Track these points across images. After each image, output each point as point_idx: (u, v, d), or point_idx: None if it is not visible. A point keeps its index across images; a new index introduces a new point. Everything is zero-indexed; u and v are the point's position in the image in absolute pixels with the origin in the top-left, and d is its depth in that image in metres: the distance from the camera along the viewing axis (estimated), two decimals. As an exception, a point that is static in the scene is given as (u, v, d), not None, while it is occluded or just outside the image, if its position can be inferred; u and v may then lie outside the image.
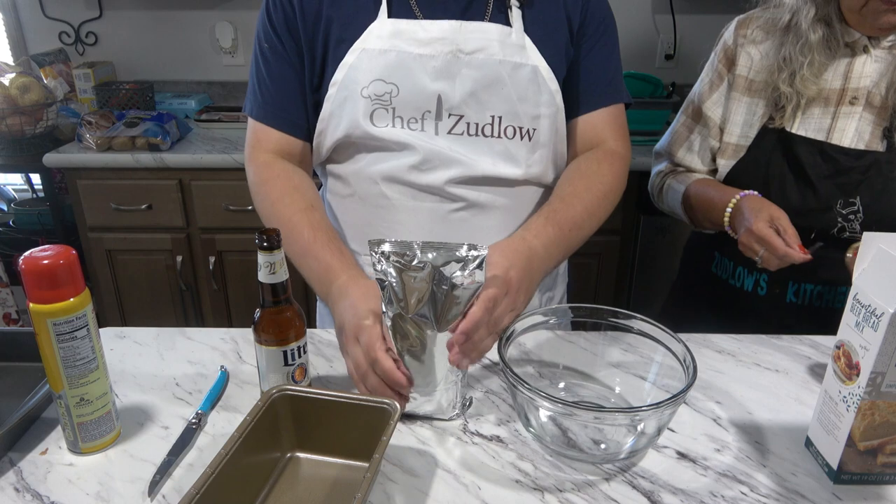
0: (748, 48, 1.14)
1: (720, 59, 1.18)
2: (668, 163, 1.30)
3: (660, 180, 1.31)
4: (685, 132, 1.25)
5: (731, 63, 1.16)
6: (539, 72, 0.97)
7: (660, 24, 2.64)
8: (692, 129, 1.24)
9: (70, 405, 0.73)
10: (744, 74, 1.14)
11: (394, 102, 0.95)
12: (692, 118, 1.24)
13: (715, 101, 1.19)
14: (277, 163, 1.01)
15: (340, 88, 0.96)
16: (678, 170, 1.28)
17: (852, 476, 0.73)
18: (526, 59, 0.96)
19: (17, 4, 2.59)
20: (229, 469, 0.65)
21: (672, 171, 1.29)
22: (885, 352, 0.66)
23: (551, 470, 0.75)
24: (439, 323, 0.77)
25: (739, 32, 1.15)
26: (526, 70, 0.96)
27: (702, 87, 1.21)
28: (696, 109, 1.22)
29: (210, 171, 2.12)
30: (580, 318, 0.89)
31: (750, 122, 1.15)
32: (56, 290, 0.69)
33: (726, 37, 1.18)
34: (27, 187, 2.71)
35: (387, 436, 0.68)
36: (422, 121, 0.96)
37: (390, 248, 0.76)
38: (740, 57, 1.14)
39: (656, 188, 1.32)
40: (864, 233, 0.71)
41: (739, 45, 1.15)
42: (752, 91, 1.14)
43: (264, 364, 0.81)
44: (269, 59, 1.00)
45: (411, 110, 0.96)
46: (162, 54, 2.66)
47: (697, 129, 1.23)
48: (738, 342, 1.01)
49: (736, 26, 1.16)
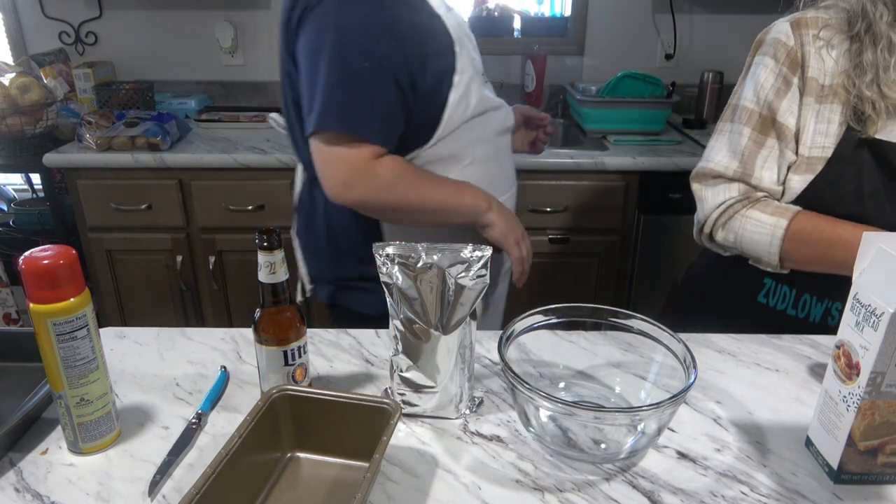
0: (819, 50, 1.02)
1: (782, 62, 1.04)
2: (740, 185, 1.08)
3: (728, 210, 1.08)
4: (755, 148, 1.06)
5: (798, 66, 1.03)
6: None
7: (660, 24, 2.64)
8: (762, 144, 1.06)
9: (70, 405, 0.73)
10: (816, 78, 1.02)
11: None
12: (760, 131, 1.06)
13: (786, 108, 1.04)
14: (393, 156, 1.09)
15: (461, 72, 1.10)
16: (756, 196, 1.07)
17: (852, 476, 0.73)
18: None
19: (17, 4, 2.59)
20: (229, 469, 0.65)
21: (746, 198, 1.07)
22: (885, 352, 0.66)
23: (551, 470, 0.75)
24: (446, 324, 0.77)
25: (801, 32, 1.03)
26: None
27: (766, 96, 1.05)
28: (766, 119, 1.05)
29: (210, 171, 2.12)
30: (580, 318, 0.89)
31: (824, 131, 1.02)
32: (56, 290, 0.69)
33: (782, 38, 1.04)
34: (27, 187, 2.71)
35: (387, 436, 0.68)
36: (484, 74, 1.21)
37: (395, 251, 0.77)
38: (811, 59, 1.02)
39: (720, 222, 1.09)
40: (864, 233, 0.71)
41: (806, 45, 1.02)
42: (824, 97, 1.02)
43: (264, 364, 0.81)
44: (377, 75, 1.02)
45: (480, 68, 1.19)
46: (162, 54, 2.66)
47: (770, 142, 1.06)
48: (738, 342, 1.01)
49: (792, 27, 1.04)
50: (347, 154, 1.03)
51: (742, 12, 2.60)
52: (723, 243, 1.10)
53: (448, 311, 0.77)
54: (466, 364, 0.81)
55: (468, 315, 0.78)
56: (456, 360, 0.79)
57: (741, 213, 1.06)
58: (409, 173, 1.08)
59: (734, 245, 1.09)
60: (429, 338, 0.78)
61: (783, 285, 1.10)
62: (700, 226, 1.13)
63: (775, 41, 1.05)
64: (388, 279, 0.77)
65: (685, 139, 2.35)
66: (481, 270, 0.75)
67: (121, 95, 2.44)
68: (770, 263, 1.06)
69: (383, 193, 1.05)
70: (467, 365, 0.81)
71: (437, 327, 0.77)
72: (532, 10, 2.67)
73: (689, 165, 1.50)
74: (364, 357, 0.96)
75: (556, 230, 2.22)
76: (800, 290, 1.09)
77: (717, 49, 2.64)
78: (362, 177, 1.03)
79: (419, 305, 0.77)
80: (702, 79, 2.53)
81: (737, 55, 2.59)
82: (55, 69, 2.48)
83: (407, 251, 0.77)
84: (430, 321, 0.77)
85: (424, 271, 0.76)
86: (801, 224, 1.02)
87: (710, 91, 2.51)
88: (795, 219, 1.02)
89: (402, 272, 0.76)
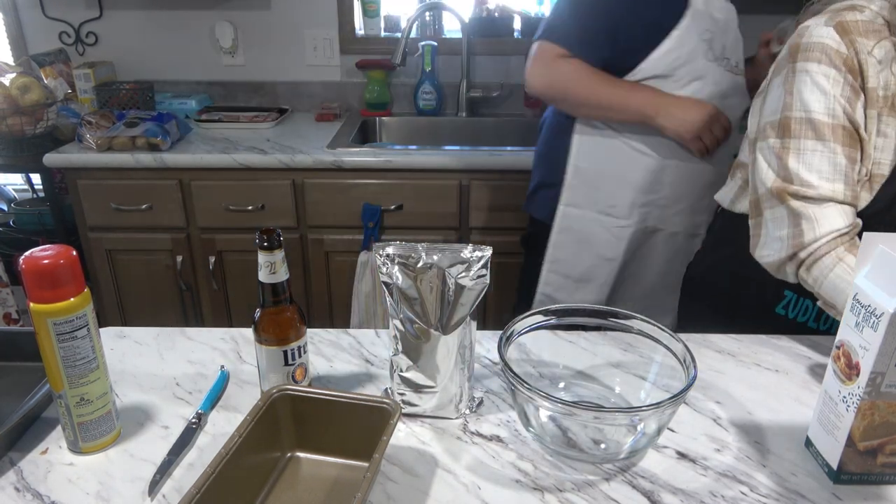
0: (867, 56, 0.94)
1: (842, 71, 0.94)
2: (853, 214, 0.95)
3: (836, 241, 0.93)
4: (852, 165, 0.94)
5: (857, 75, 0.94)
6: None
7: (660, 25, 2.64)
8: (856, 160, 0.95)
9: (70, 405, 0.73)
10: (875, 88, 0.94)
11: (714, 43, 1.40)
12: (850, 146, 0.94)
13: (861, 120, 0.95)
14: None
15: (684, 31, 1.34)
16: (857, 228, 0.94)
17: (852, 476, 0.73)
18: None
19: (17, 4, 2.59)
20: (229, 469, 0.65)
21: (853, 228, 0.94)
22: (885, 352, 0.66)
23: (551, 470, 0.75)
24: (446, 324, 0.77)
25: (851, 39, 0.94)
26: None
27: (842, 106, 0.94)
28: (850, 133, 0.94)
29: (210, 171, 2.12)
30: (580, 318, 0.89)
31: (882, 146, 0.95)
32: (56, 289, 0.69)
33: (832, 45, 0.94)
34: (27, 187, 2.71)
35: (387, 436, 0.68)
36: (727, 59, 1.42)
37: (395, 251, 0.77)
38: (869, 68, 0.93)
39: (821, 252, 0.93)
40: (864, 233, 0.71)
41: (861, 53, 0.94)
42: (882, 108, 0.95)
43: (264, 364, 0.81)
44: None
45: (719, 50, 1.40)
46: (162, 54, 2.66)
47: (857, 156, 0.95)
48: (738, 342, 1.01)
49: (838, 31, 0.94)
50: (540, 53, 1.37)
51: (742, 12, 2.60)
52: (805, 279, 0.96)
53: (448, 312, 0.77)
54: (466, 364, 0.81)
55: (468, 315, 0.78)
56: (456, 360, 0.79)
57: (836, 252, 0.92)
58: (583, 72, 1.35)
59: (813, 285, 0.95)
60: (429, 338, 0.78)
61: (805, 299, 1.05)
62: (798, 249, 0.95)
63: (824, 47, 0.94)
64: (388, 279, 0.77)
65: (685, 139, 2.35)
66: (481, 270, 0.75)
67: (121, 95, 2.44)
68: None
69: (559, 85, 1.38)
70: (467, 365, 0.81)
71: (437, 327, 0.77)
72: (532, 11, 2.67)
73: (690, 166, 1.48)
74: (364, 357, 0.96)
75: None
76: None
77: (717, 49, 2.63)
78: (546, 69, 1.38)
79: (419, 305, 0.77)
80: (702, 79, 2.53)
81: (737, 55, 2.58)
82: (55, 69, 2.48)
83: (407, 251, 0.77)
84: (430, 321, 0.77)
85: (424, 271, 0.76)
86: None
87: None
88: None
89: (403, 272, 0.76)
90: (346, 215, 2.11)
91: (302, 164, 2.08)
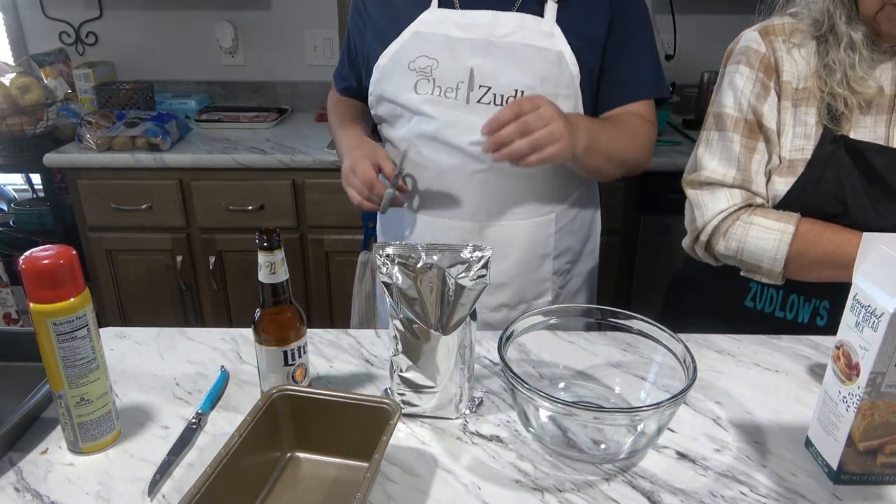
0: (791, 54, 1.04)
1: (757, 69, 1.06)
2: (741, 192, 1.07)
3: (729, 218, 1.06)
4: (748, 154, 1.07)
5: (773, 71, 1.05)
6: (563, 56, 1.09)
7: (660, 24, 2.64)
8: (754, 150, 1.07)
9: (70, 405, 0.73)
10: (790, 81, 1.04)
11: (434, 74, 1.12)
12: (749, 136, 1.07)
13: (768, 112, 1.05)
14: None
15: (390, 60, 1.14)
16: (757, 202, 1.07)
17: (852, 476, 0.73)
18: (552, 45, 1.09)
19: (17, 4, 2.59)
20: (229, 469, 0.65)
21: (748, 205, 1.06)
22: (885, 352, 0.66)
23: (551, 470, 0.75)
24: (446, 325, 0.77)
25: (770, 39, 1.06)
26: (551, 54, 1.09)
27: (748, 102, 1.06)
28: (752, 125, 1.06)
29: (210, 171, 2.12)
30: (580, 318, 0.89)
31: (802, 133, 1.04)
32: (56, 290, 0.69)
33: (753, 46, 1.07)
34: (27, 187, 2.71)
35: (387, 436, 0.68)
36: (456, 90, 1.12)
37: (395, 251, 0.77)
38: (784, 63, 1.04)
39: (720, 230, 1.06)
40: (864, 233, 0.71)
41: (778, 51, 1.05)
42: (799, 99, 1.04)
43: (264, 364, 0.81)
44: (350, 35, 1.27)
45: (448, 81, 1.12)
46: (162, 54, 2.66)
47: (760, 146, 1.07)
48: (738, 342, 1.01)
49: (761, 34, 1.07)
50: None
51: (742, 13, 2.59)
52: (723, 252, 1.07)
53: (448, 312, 0.77)
54: (466, 364, 0.81)
55: (468, 315, 0.78)
56: (456, 360, 0.79)
57: (744, 219, 1.04)
58: (331, 106, 1.36)
59: (735, 254, 1.05)
60: (429, 338, 0.78)
61: (769, 288, 1.11)
62: (696, 234, 1.09)
63: (746, 49, 1.07)
64: (388, 279, 0.77)
65: (685, 139, 2.36)
66: (481, 271, 0.76)
67: (121, 95, 2.44)
68: (772, 271, 1.03)
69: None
70: (467, 365, 0.81)
71: (437, 328, 0.78)
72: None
73: (689, 166, 1.48)
74: (364, 357, 0.96)
75: (556, 230, 2.22)
76: (787, 291, 1.08)
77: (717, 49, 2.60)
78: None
79: (419, 306, 0.77)
80: (702, 79, 2.53)
81: (737, 55, 2.58)
82: (55, 69, 2.48)
83: (407, 251, 0.77)
84: (430, 321, 0.77)
85: (424, 271, 0.76)
86: (808, 228, 1.01)
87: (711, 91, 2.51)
88: (802, 222, 1.01)
89: (402, 272, 0.76)
90: (346, 215, 2.11)
91: (302, 164, 2.08)
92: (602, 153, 1.09)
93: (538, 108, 0.95)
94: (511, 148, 0.94)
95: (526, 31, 1.09)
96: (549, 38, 1.09)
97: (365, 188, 1.10)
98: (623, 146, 1.12)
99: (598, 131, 1.08)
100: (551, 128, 0.94)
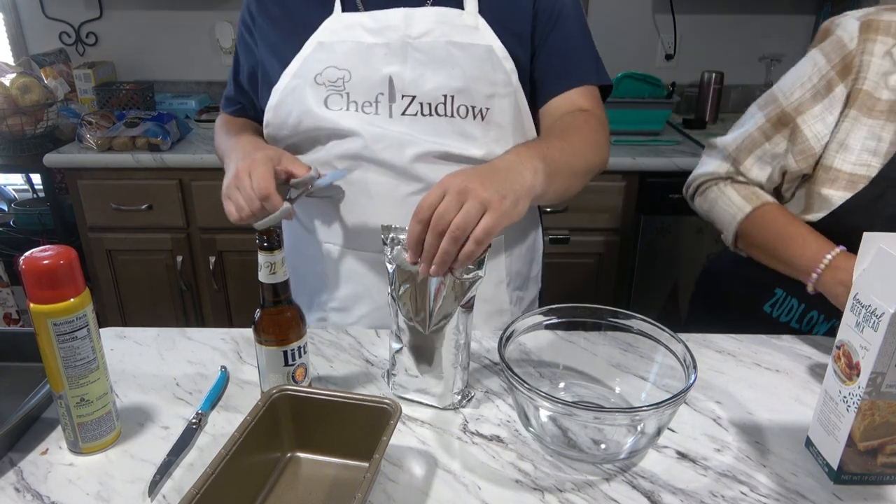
0: (879, 58, 0.93)
1: (833, 65, 0.97)
2: (729, 166, 1.10)
3: (710, 182, 1.11)
4: (760, 138, 1.04)
5: (850, 72, 0.95)
6: (493, 51, 0.96)
7: (660, 24, 2.64)
8: (770, 138, 1.03)
9: (70, 405, 0.73)
10: (872, 92, 0.94)
11: (347, 87, 0.97)
12: (774, 125, 1.03)
13: (816, 114, 0.98)
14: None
15: (293, 77, 0.99)
16: (739, 179, 1.09)
17: (852, 476, 0.73)
18: (479, 40, 0.96)
19: (18, 4, 2.59)
20: (229, 469, 0.65)
21: (731, 178, 1.09)
22: (885, 352, 0.66)
23: (551, 470, 0.75)
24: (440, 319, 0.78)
25: (867, 36, 0.94)
26: (479, 49, 0.96)
27: (800, 94, 1.00)
28: (783, 116, 1.02)
29: (210, 171, 2.12)
30: (580, 318, 0.89)
31: (873, 149, 0.95)
32: (56, 290, 0.69)
33: (843, 38, 0.96)
34: (27, 187, 2.71)
35: (387, 436, 0.68)
36: (376, 104, 0.98)
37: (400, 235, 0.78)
38: (867, 68, 0.94)
39: (701, 188, 1.13)
40: (864, 233, 0.71)
41: (868, 53, 0.94)
42: (878, 112, 0.94)
43: (264, 364, 0.81)
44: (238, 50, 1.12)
45: (364, 94, 0.98)
46: (162, 54, 2.66)
47: (778, 139, 1.03)
48: (738, 342, 1.01)
49: (861, 28, 0.94)
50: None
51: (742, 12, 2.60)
52: (698, 208, 1.16)
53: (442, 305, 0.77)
54: (461, 354, 0.81)
55: (461, 307, 0.78)
56: (452, 353, 0.80)
57: (720, 187, 1.10)
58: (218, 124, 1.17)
59: (705, 213, 1.15)
60: (424, 332, 0.79)
61: (792, 298, 1.08)
62: (688, 184, 1.18)
63: (837, 40, 0.97)
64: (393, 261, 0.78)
65: (685, 139, 2.35)
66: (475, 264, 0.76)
67: (121, 95, 2.44)
68: (727, 239, 1.11)
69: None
70: (462, 356, 0.82)
71: (432, 321, 0.78)
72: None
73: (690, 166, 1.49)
74: (364, 357, 0.96)
75: (556, 230, 2.22)
76: (808, 305, 1.06)
77: (717, 49, 2.64)
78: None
79: (414, 300, 0.78)
80: (702, 79, 2.53)
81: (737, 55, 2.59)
82: (56, 69, 2.48)
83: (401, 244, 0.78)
84: (425, 314, 0.78)
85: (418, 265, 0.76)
86: (764, 213, 1.04)
87: (711, 91, 2.51)
88: (762, 208, 1.04)
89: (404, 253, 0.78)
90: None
91: (302, 164, 2.08)
92: (564, 173, 0.90)
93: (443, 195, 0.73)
94: (439, 255, 0.72)
95: (446, 28, 0.95)
96: (473, 33, 0.96)
97: (257, 199, 0.86)
98: (582, 154, 0.95)
99: (551, 153, 0.87)
100: (468, 206, 0.72)
